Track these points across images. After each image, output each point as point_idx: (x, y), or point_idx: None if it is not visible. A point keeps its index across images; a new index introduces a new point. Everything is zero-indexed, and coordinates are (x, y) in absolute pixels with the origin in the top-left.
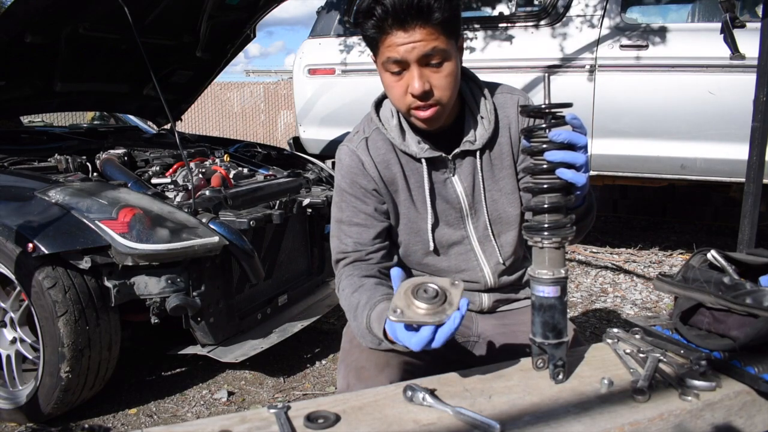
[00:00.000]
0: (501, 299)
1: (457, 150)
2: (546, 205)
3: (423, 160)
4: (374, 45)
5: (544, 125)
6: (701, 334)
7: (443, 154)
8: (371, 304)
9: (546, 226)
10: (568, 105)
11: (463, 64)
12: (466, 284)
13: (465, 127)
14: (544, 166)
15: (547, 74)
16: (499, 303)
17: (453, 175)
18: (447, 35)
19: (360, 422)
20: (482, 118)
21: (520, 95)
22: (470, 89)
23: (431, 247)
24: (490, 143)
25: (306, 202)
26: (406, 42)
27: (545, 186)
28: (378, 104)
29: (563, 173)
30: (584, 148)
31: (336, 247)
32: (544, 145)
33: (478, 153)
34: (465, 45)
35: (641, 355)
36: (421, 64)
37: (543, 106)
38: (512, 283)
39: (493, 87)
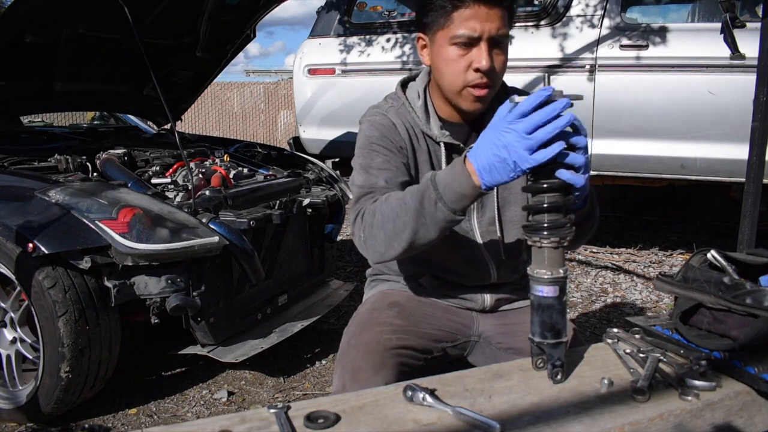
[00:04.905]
0: (503, 298)
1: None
2: (545, 205)
3: (442, 144)
4: (445, 16)
5: None
6: (701, 334)
7: (461, 145)
8: (425, 179)
9: (545, 225)
10: (572, 103)
11: None
12: (471, 279)
13: (484, 122)
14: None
15: (546, 74)
16: (500, 302)
17: None
18: (509, 24)
19: (360, 422)
20: None
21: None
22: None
23: None
24: None
25: (306, 202)
26: (486, 20)
27: (544, 186)
28: (403, 86)
29: (562, 174)
30: (584, 149)
31: (364, 182)
32: None
33: None
34: None
35: (641, 355)
36: (490, 43)
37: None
38: (514, 281)
39: (515, 89)
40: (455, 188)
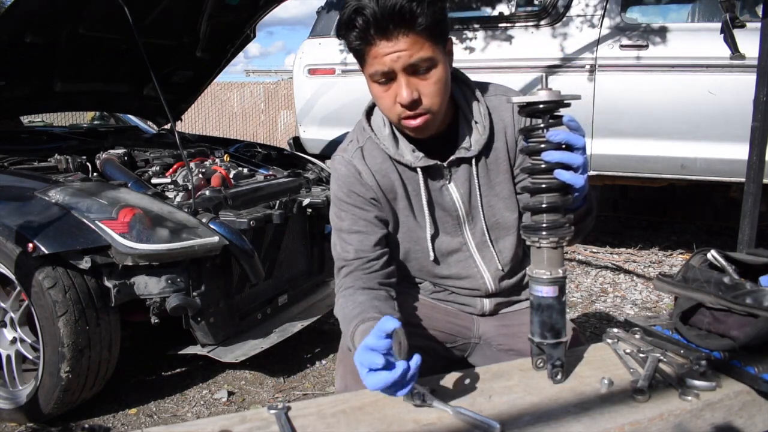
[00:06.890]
0: (502, 302)
1: (452, 157)
2: (544, 205)
3: (419, 169)
4: (360, 57)
5: (541, 125)
6: (701, 334)
7: (438, 162)
8: (361, 317)
9: (544, 225)
10: (567, 105)
11: (463, 65)
12: (469, 291)
13: (459, 133)
14: (542, 166)
15: (544, 74)
16: (500, 306)
17: (449, 183)
18: (433, 41)
19: (360, 422)
20: (476, 123)
21: (515, 96)
22: (463, 93)
23: (431, 256)
24: (486, 149)
25: (306, 202)
26: (391, 51)
27: (543, 186)
28: (369, 112)
29: (561, 174)
30: (582, 149)
31: (338, 254)
32: (542, 145)
33: (473, 159)
34: (465, 45)
35: (641, 355)
36: (408, 72)
37: (541, 106)
38: (513, 286)
39: (484, 88)
40: None
